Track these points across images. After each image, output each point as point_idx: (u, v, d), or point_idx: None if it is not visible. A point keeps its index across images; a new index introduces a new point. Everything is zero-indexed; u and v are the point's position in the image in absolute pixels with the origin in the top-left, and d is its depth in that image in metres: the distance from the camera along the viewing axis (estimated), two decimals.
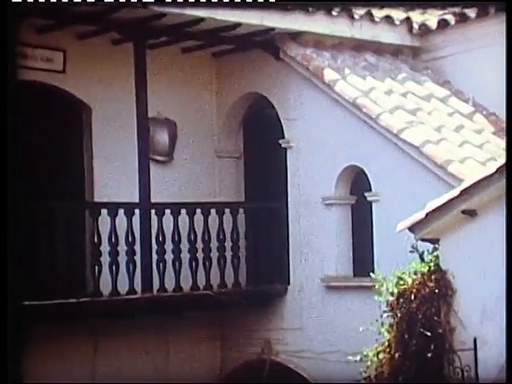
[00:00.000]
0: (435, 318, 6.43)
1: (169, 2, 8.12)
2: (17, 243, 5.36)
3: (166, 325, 9.10)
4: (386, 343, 6.62)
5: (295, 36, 9.26)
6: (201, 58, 9.79)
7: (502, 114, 9.19)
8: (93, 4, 7.77)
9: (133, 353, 8.92)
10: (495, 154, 8.53)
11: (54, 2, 7.76)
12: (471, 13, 9.69)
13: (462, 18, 9.72)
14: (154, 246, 8.68)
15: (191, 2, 8.06)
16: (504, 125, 9.26)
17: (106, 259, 8.35)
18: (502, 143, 8.96)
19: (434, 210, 6.67)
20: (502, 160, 6.55)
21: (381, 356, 6.61)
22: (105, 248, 8.37)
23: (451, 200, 6.61)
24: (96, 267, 8.27)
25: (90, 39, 8.88)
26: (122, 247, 8.47)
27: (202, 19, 8.56)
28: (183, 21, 8.59)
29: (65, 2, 7.83)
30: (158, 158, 9.55)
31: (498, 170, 6.37)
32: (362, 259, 8.88)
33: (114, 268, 8.33)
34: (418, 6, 10.06)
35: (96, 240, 8.33)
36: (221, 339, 9.74)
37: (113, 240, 8.38)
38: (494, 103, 9.29)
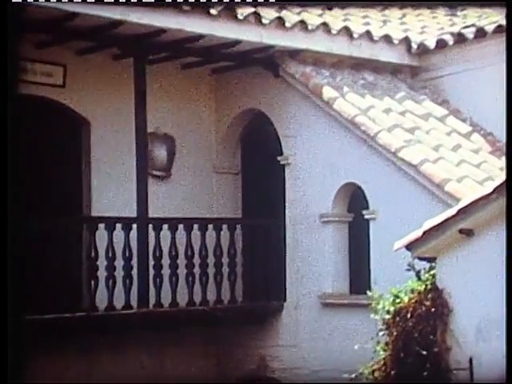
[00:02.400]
0: (431, 336, 6.41)
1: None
2: (13, 257, 5.35)
3: (161, 340, 9.06)
4: (382, 361, 6.58)
5: (294, 54, 9.29)
6: (200, 74, 9.82)
7: (499, 134, 9.23)
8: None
9: (128, 368, 8.87)
10: (492, 174, 8.54)
11: (54, 18, 7.78)
12: (469, 33, 9.74)
13: (460, 39, 9.77)
14: (151, 261, 8.66)
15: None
16: (500, 144, 9.29)
17: (102, 274, 8.33)
18: (499, 163, 8.99)
19: (431, 229, 6.65)
20: (499, 180, 6.55)
21: (376, 374, 6.58)
22: (101, 263, 8.34)
23: (448, 219, 6.60)
24: (92, 282, 8.24)
25: (90, 54, 8.91)
26: (119, 262, 8.44)
27: (201, 36, 8.58)
28: (183, 37, 8.60)
29: (66, 16, 7.88)
30: (156, 173, 9.55)
31: (495, 189, 6.37)
32: (359, 277, 8.86)
33: (110, 283, 8.30)
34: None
35: (93, 254, 8.30)
36: (216, 356, 9.69)
37: (110, 255, 8.36)
38: (491, 123, 9.33)
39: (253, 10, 8.90)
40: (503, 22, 9.41)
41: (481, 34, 9.61)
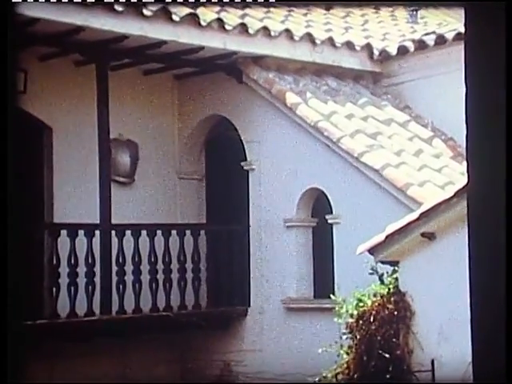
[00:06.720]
0: (394, 339, 6.47)
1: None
2: None
3: (124, 347, 9.00)
4: (345, 365, 6.63)
5: (258, 60, 9.32)
6: (163, 80, 9.80)
7: (460, 139, 9.34)
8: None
9: (90, 376, 8.79)
10: (453, 178, 8.64)
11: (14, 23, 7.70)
12: (430, 40, 9.87)
13: (421, 45, 9.89)
14: (114, 268, 8.61)
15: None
16: (461, 149, 9.41)
17: (64, 281, 8.25)
18: (460, 167, 9.11)
19: (393, 233, 6.72)
20: (460, 184, 6.64)
21: (339, 377, 6.63)
22: (63, 269, 8.27)
23: (410, 223, 6.68)
24: (54, 289, 8.16)
25: (51, 60, 8.84)
26: (82, 268, 8.38)
27: (164, 42, 8.57)
28: (145, 43, 8.58)
29: (27, 21, 7.80)
30: (120, 179, 9.50)
31: (455, 193, 6.46)
32: (323, 281, 8.90)
33: (72, 289, 8.23)
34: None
35: (55, 261, 8.23)
36: (180, 362, 9.65)
37: (72, 261, 8.29)
38: (452, 128, 9.43)
39: (216, 16, 8.91)
40: (462, 29, 9.55)
41: (441, 40, 9.74)
